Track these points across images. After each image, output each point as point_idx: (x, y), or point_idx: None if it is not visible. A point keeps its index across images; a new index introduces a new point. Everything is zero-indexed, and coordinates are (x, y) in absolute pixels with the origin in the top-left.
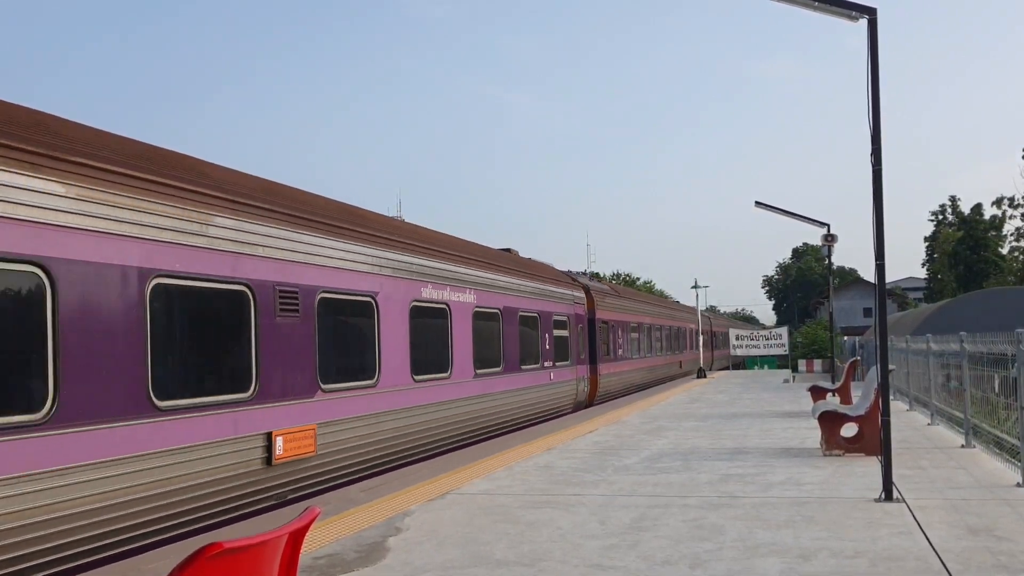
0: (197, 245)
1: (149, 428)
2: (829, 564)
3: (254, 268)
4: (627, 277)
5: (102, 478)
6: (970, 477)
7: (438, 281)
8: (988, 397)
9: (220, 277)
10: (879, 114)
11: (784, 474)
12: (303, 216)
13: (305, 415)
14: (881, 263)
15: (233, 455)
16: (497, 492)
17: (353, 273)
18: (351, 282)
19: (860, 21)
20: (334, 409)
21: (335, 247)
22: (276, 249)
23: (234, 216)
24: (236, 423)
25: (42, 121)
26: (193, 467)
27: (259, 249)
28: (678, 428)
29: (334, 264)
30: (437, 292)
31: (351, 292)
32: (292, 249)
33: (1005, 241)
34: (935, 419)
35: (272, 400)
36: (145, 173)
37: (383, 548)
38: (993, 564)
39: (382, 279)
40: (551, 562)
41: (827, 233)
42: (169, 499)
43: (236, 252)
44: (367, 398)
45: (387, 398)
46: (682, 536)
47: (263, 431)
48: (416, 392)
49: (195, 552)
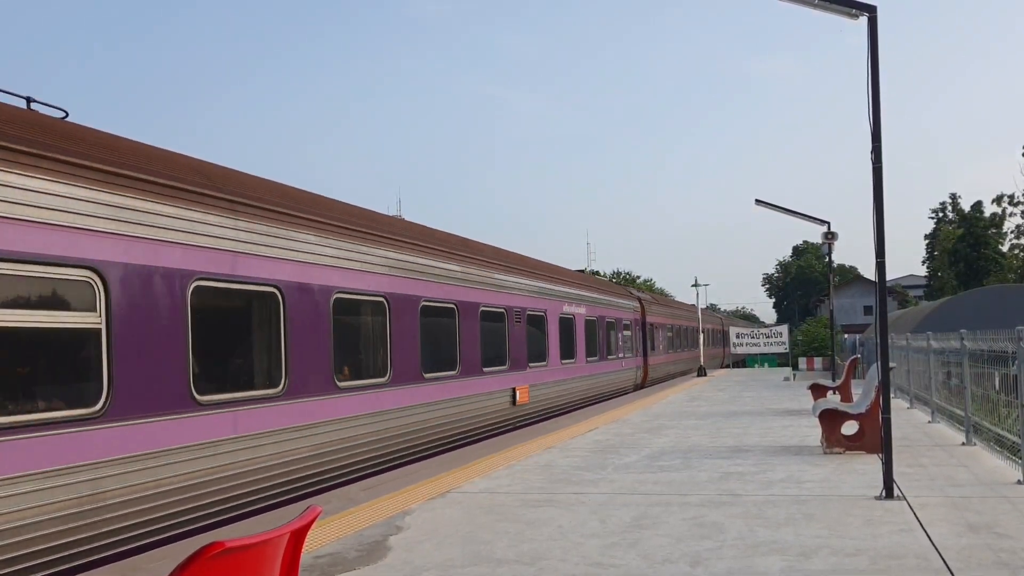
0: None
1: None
2: (830, 562)
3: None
4: (627, 275)
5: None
6: (971, 474)
7: (573, 301)
8: (989, 395)
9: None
10: (879, 112)
11: (784, 472)
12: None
13: (526, 379)
14: (881, 261)
15: (499, 398)
16: (497, 491)
17: (534, 298)
18: (533, 304)
19: (860, 19)
20: (533, 377)
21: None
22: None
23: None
24: (501, 381)
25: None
26: (488, 400)
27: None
28: (678, 426)
29: (525, 294)
30: (571, 308)
31: (535, 310)
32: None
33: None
34: (936, 417)
35: (514, 369)
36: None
37: (384, 547)
38: (994, 561)
39: (555, 303)
40: (551, 561)
41: (827, 231)
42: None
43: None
44: (548, 371)
45: (552, 373)
46: (682, 534)
47: (511, 387)
48: (560, 371)
49: (196, 552)
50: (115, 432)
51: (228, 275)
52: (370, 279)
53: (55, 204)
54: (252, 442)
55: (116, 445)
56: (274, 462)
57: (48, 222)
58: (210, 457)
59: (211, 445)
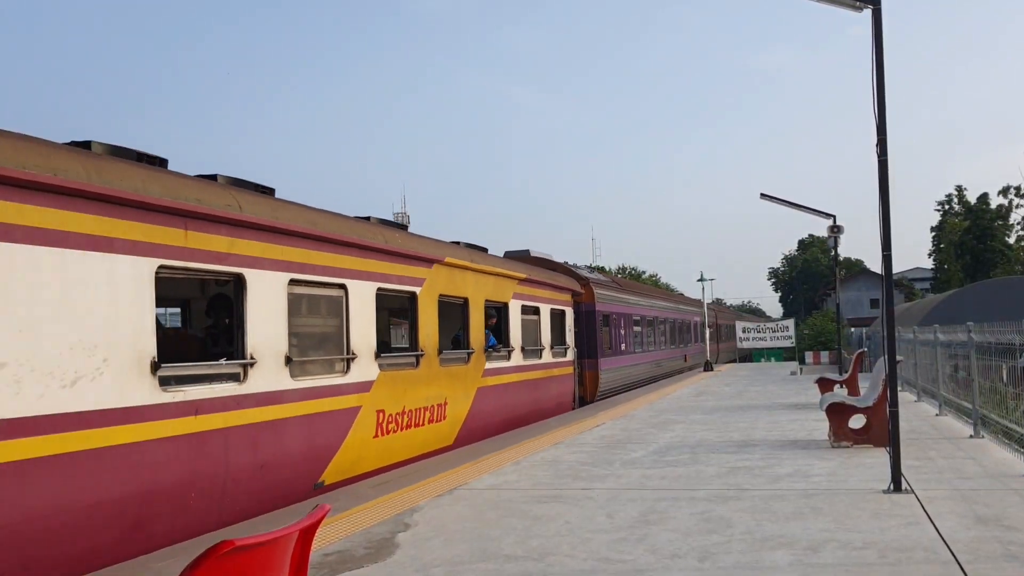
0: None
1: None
2: (838, 555)
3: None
4: (633, 270)
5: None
6: (979, 467)
7: (656, 310)
8: (996, 387)
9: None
10: (884, 104)
11: (792, 466)
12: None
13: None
14: (888, 254)
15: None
16: (505, 487)
17: (644, 308)
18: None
19: (864, 11)
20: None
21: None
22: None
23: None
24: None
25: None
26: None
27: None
28: (685, 421)
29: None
30: (654, 314)
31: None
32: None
33: (1012, 231)
34: (943, 409)
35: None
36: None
37: (392, 544)
38: (1003, 554)
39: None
40: (559, 556)
41: (833, 224)
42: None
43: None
44: (629, 356)
45: (627, 359)
46: (690, 529)
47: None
48: (634, 356)
49: (207, 550)
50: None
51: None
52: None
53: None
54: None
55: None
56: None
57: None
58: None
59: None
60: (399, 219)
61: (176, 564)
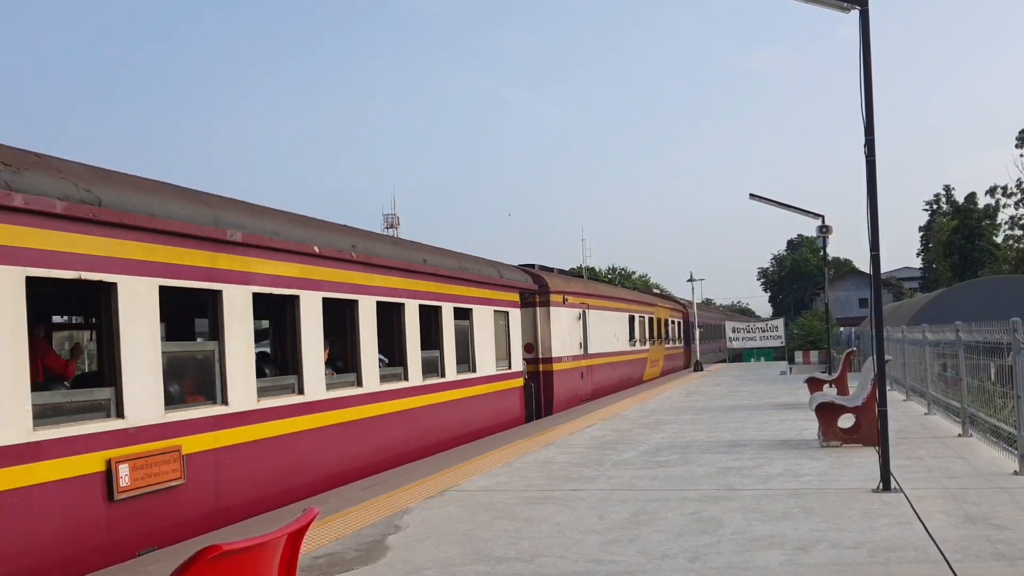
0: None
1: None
2: (829, 555)
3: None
4: (622, 271)
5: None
6: (968, 466)
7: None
8: (984, 386)
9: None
10: (872, 104)
11: (782, 466)
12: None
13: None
14: (876, 253)
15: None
16: (496, 488)
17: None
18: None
19: (852, 12)
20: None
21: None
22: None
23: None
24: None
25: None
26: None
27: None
28: (676, 421)
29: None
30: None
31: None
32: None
33: (1000, 230)
34: (932, 408)
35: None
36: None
37: (383, 546)
38: (991, 552)
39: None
40: (551, 557)
41: (822, 224)
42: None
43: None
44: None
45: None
46: (681, 530)
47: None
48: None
49: (195, 554)
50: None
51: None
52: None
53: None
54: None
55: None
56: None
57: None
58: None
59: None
60: (389, 220)
61: (166, 567)
